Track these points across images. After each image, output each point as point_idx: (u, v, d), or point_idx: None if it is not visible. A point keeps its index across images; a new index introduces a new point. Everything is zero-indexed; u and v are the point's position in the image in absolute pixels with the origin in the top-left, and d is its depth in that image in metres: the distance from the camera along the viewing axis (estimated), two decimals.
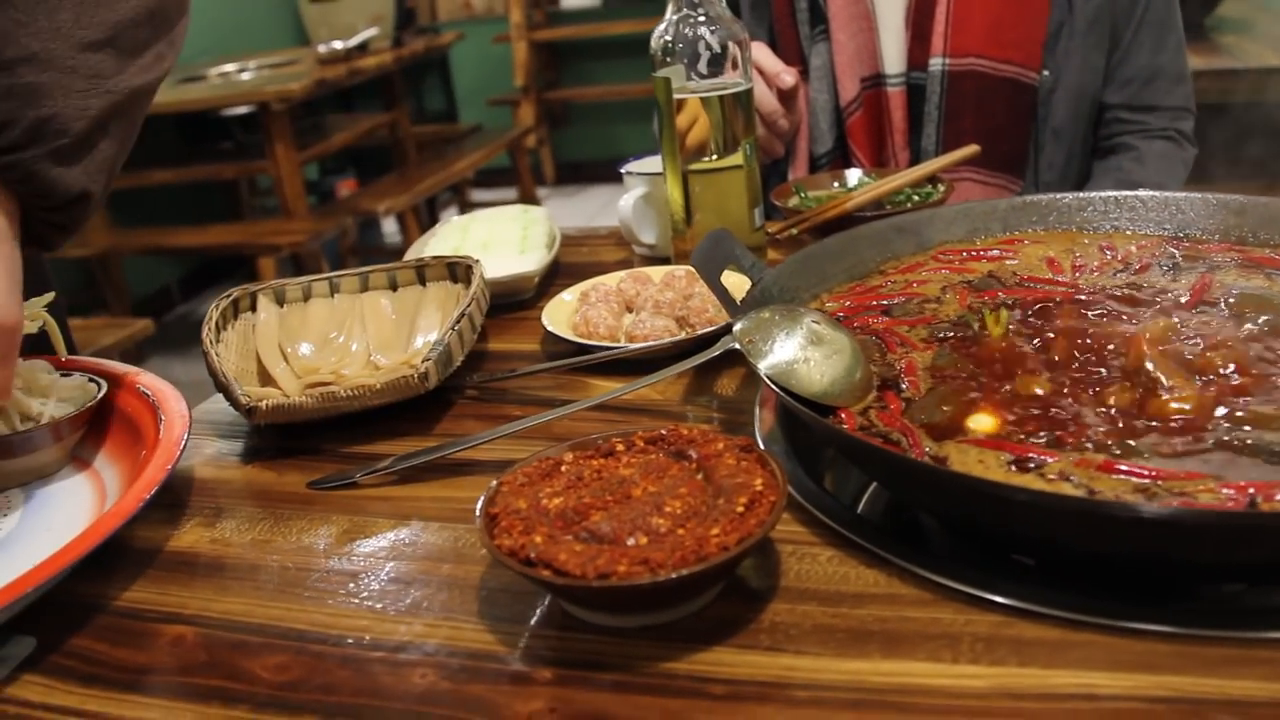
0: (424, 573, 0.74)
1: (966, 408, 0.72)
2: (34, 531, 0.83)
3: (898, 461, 0.67)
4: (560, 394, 0.98)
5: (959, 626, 0.61)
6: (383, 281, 1.15)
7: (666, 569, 0.59)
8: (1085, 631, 0.60)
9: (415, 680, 0.63)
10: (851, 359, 0.77)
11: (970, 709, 0.56)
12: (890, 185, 1.27)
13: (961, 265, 0.96)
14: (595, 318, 1.04)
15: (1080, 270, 0.93)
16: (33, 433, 0.88)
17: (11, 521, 0.84)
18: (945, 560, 0.66)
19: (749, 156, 1.16)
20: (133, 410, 0.93)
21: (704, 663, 0.61)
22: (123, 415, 0.94)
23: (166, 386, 0.94)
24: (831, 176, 1.38)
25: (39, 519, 0.85)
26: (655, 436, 0.72)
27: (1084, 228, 1.00)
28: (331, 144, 4.91)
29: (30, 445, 0.88)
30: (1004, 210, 1.02)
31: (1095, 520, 0.58)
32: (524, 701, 0.60)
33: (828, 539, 0.71)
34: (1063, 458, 0.65)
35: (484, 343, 1.13)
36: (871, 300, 0.91)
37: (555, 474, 0.70)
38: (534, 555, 0.61)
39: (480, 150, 5.39)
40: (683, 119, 1.15)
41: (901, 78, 1.48)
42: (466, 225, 1.37)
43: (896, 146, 1.48)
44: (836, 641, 0.61)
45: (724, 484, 0.66)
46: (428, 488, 0.85)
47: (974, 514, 0.67)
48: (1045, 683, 0.56)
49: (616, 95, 6.25)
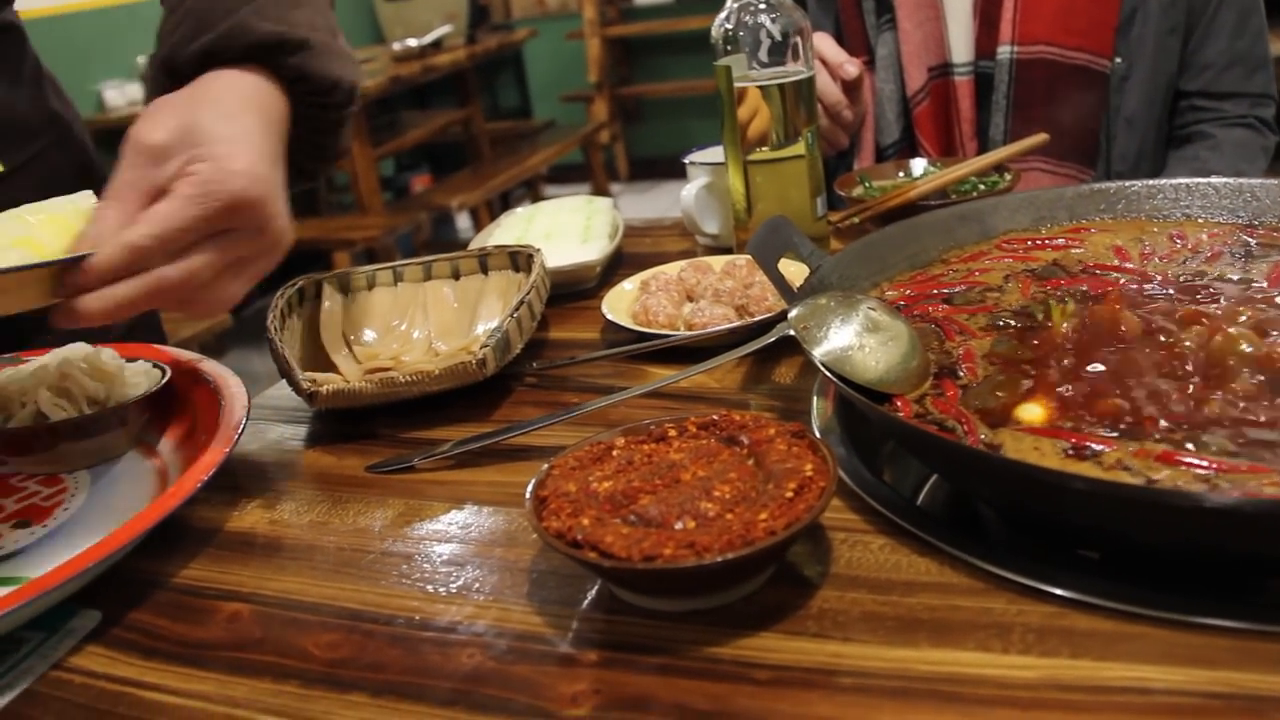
0: (476, 555, 0.74)
1: (1021, 395, 0.71)
2: (98, 511, 0.85)
3: (950, 448, 0.66)
4: (619, 382, 0.98)
5: (1010, 616, 0.60)
6: (446, 270, 1.16)
7: (713, 552, 0.59)
8: (1140, 624, 0.58)
9: (463, 660, 0.64)
10: (908, 346, 0.77)
11: (1019, 700, 0.55)
12: (955, 174, 1.25)
13: (1026, 254, 0.95)
14: (655, 306, 1.04)
15: (1148, 258, 0.91)
16: (99, 416, 0.90)
17: (78, 501, 0.87)
18: (999, 550, 0.65)
19: (810, 146, 1.15)
20: (195, 396, 0.95)
21: (749, 648, 0.61)
22: (185, 401, 0.96)
23: (228, 373, 0.95)
24: (896, 166, 1.37)
25: (104, 500, 0.87)
26: (707, 422, 0.72)
27: (1153, 216, 0.98)
28: (406, 140, 4.97)
29: (97, 429, 0.90)
30: (1070, 198, 1.00)
31: (1153, 510, 0.57)
32: (569, 683, 0.60)
33: (881, 527, 0.70)
34: (1120, 447, 0.64)
35: (544, 331, 1.13)
36: (932, 289, 0.90)
37: (606, 458, 0.70)
38: (581, 537, 0.61)
39: (553, 146, 5.42)
40: (744, 109, 1.14)
41: (969, 67, 1.46)
42: (531, 216, 1.38)
43: (964, 136, 1.47)
44: (885, 629, 0.61)
45: (774, 469, 0.65)
46: (483, 472, 0.85)
47: (1029, 503, 0.66)
48: (1097, 675, 0.55)
49: (689, 91, 6.25)
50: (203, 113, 0.81)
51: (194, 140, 0.78)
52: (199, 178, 0.77)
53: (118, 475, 0.91)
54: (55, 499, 0.87)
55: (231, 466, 0.90)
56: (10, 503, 0.88)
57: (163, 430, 0.96)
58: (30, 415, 0.91)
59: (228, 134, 0.80)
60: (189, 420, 0.94)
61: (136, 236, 0.75)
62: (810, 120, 1.15)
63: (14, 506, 0.87)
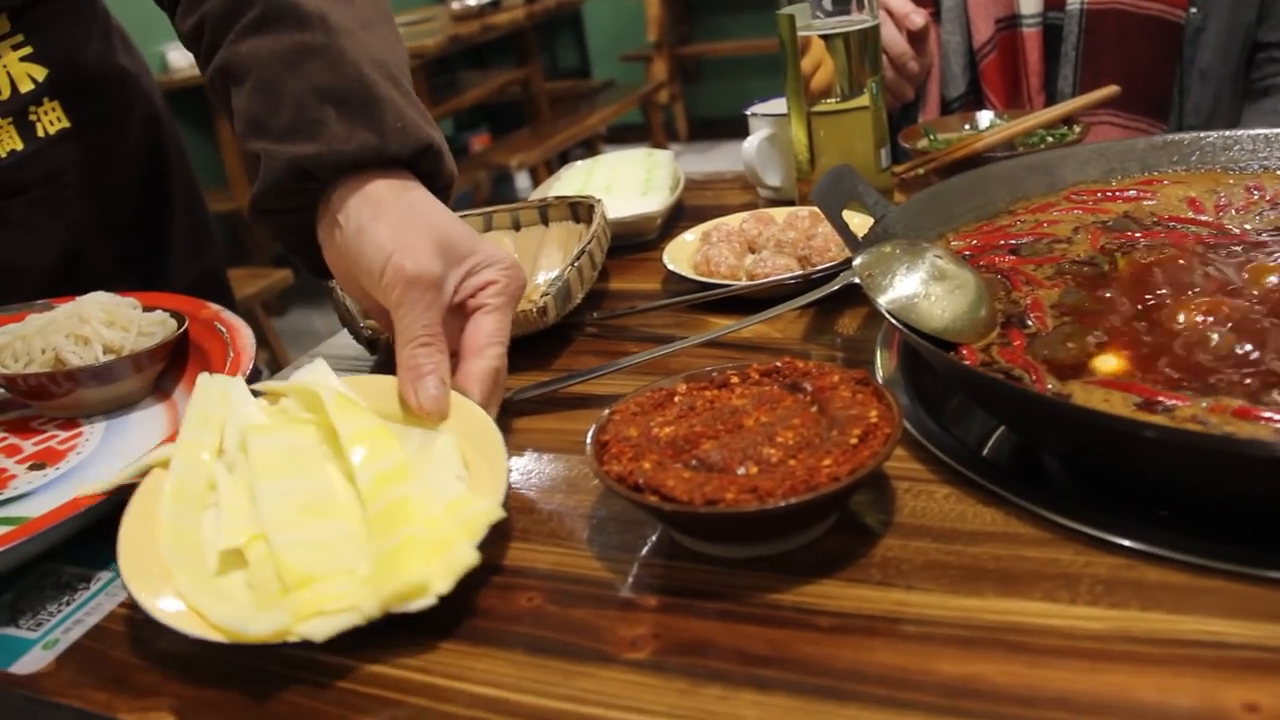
0: (536, 500, 0.74)
1: (1095, 346, 0.69)
2: (109, 456, 0.87)
3: (1021, 395, 0.65)
4: (679, 332, 0.98)
5: (1078, 568, 0.59)
6: (506, 221, 1.16)
7: (775, 497, 0.58)
8: (1214, 578, 0.57)
9: (521, 603, 0.64)
10: (975, 295, 0.75)
11: (1087, 650, 0.54)
12: (1022, 126, 1.22)
13: (1095, 206, 0.93)
14: (716, 257, 1.03)
15: (1223, 210, 0.88)
16: (114, 364, 0.92)
17: (91, 446, 0.89)
18: (1067, 502, 0.64)
19: (875, 97, 1.13)
20: (210, 346, 0.96)
21: (811, 595, 0.60)
22: (201, 350, 0.97)
23: (239, 323, 0.97)
24: (962, 119, 1.34)
25: (116, 445, 0.89)
26: (770, 369, 0.71)
27: (1229, 168, 0.95)
28: (465, 100, 4.97)
29: (111, 376, 0.92)
30: (1142, 150, 0.98)
31: (1229, 460, 0.56)
32: (628, 627, 0.60)
33: (945, 477, 0.69)
34: (1194, 403, 0.62)
35: (605, 281, 1.13)
36: (999, 240, 0.88)
37: (668, 404, 0.70)
38: (642, 481, 0.61)
39: (612, 106, 5.40)
40: (807, 59, 1.12)
41: (1038, 18, 1.42)
42: (590, 169, 1.37)
43: (1031, 90, 1.43)
44: (949, 578, 0.60)
45: (838, 416, 0.65)
46: (543, 420, 0.85)
47: (1100, 454, 0.65)
48: (1169, 628, 0.54)
49: (749, 50, 6.19)
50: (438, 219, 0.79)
51: (461, 252, 0.78)
52: (506, 285, 0.79)
53: (132, 422, 0.93)
54: (70, 443, 0.90)
55: None
56: (29, 445, 0.90)
57: (179, 378, 0.97)
58: (49, 361, 0.93)
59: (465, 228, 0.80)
60: (204, 368, 0.94)
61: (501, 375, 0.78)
62: (875, 71, 1.13)
63: (31, 449, 0.90)
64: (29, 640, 0.68)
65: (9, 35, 1.07)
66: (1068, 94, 1.41)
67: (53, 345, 0.92)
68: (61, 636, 0.68)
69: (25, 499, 0.82)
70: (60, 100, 1.11)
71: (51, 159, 1.11)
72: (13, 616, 0.71)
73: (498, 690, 0.57)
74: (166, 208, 1.26)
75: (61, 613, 0.70)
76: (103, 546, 0.76)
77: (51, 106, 1.10)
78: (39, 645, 0.68)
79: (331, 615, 0.60)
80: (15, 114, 1.08)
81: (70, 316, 0.94)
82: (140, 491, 0.69)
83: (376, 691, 0.59)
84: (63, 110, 1.11)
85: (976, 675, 0.53)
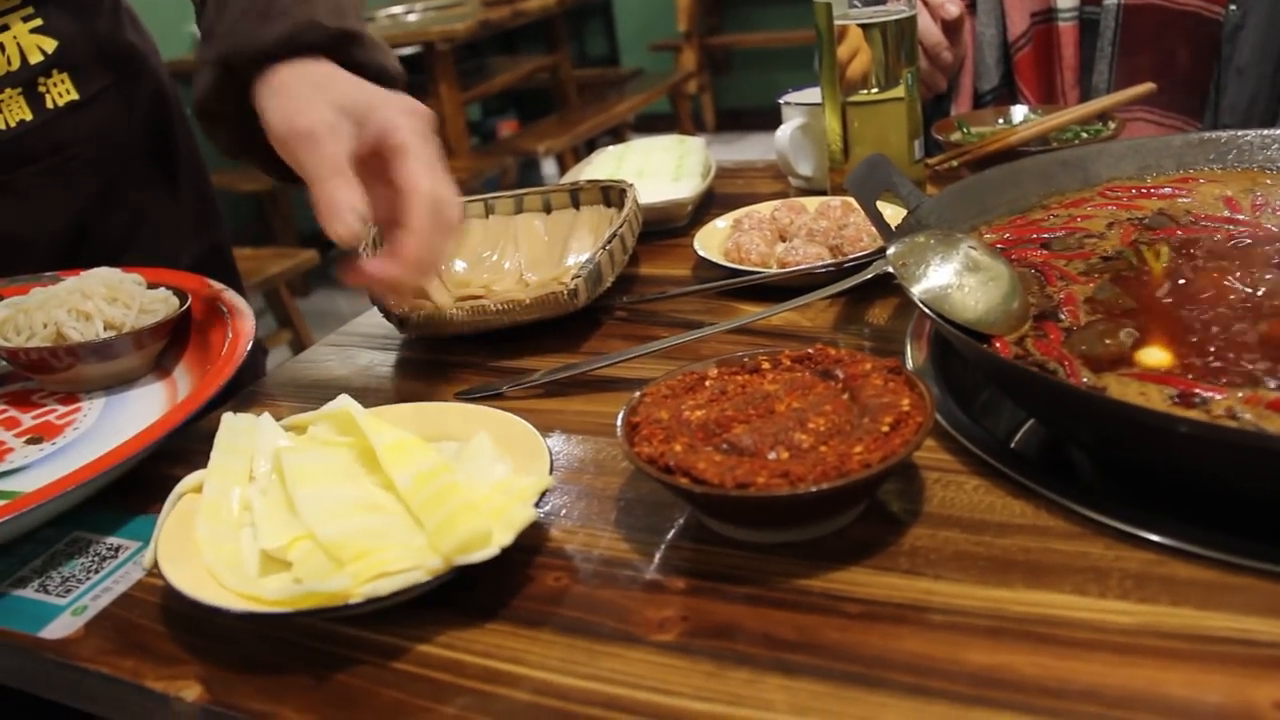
0: (564, 481, 0.74)
1: (1134, 342, 0.69)
2: (107, 431, 0.88)
3: (1052, 387, 0.65)
4: (709, 318, 0.97)
5: (1108, 562, 0.59)
6: (537, 204, 1.16)
7: (806, 483, 0.58)
8: (1244, 575, 0.57)
9: (549, 583, 0.64)
10: (1009, 287, 0.75)
11: (1115, 644, 0.53)
12: (1057, 121, 1.22)
13: (1130, 202, 0.92)
14: (747, 244, 1.03)
15: (1260, 209, 0.87)
16: (115, 340, 0.92)
17: (89, 421, 0.90)
18: (1097, 496, 0.63)
19: (910, 88, 1.13)
20: (213, 324, 0.97)
21: (840, 581, 0.60)
22: (203, 328, 0.98)
23: (240, 303, 0.97)
24: (996, 112, 1.34)
25: (114, 421, 0.90)
26: (802, 355, 0.71)
27: (1267, 167, 0.95)
28: (494, 85, 4.97)
29: (112, 352, 0.93)
30: (1179, 147, 0.97)
31: (1259, 456, 0.55)
32: (656, 609, 0.60)
33: (975, 468, 0.69)
34: (1230, 394, 0.62)
35: (635, 267, 1.13)
36: (1032, 233, 0.88)
37: (699, 388, 0.70)
38: (673, 463, 0.61)
39: (641, 95, 5.39)
40: (843, 48, 1.12)
41: (1074, 12, 1.41)
42: (622, 154, 1.37)
43: (1066, 84, 1.42)
44: (978, 569, 0.60)
45: (870, 403, 0.64)
46: (571, 402, 0.85)
47: (1133, 448, 0.64)
48: (1199, 624, 0.54)
49: (779, 42, 6.16)
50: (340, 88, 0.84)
51: (359, 108, 0.82)
52: (407, 123, 0.80)
53: (132, 398, 0.94)
54: (69, 418, 0.90)
55: (322, 391, 0.91)
56: (28, 418, 0.91)
57: (179, 356, 0.98)
58: (51, 336, 0.92)
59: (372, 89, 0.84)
60: (204, 348, 0.96)
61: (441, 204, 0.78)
62: (911, 61, 1.12)
63: (30, 422, 0.90)
64: (58, 606, 0.69)
65: (19, 7, 1.08)
66: (1103, 90, 1.39)
67: (54, 320, 0.92)
68: (90, 603, 0.69)
69: (20, 473, 0.82)
70: (69, 73, 1.12)
71: (60, 130, 1.12)
72: (42, 583, 0.71)
73: (522, 667, 0.58)
74: (173, 184, 1.27)
75: (90, 580, 0.71)
76: (132, 515, 0.77)
77: (61, 79, 1.11)
78: (68, 611, 0.68)
79: (395, 575, 0.59)
80: (25, 84, 1.09)
81: (73, 291, 0.94)
82: (175, 514, 0.69)
83: (404, 666, 0.59)
84: (71, 83, 1.12)
85: (1004, 665, 0.53)
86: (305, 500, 0.66)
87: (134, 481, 0.79)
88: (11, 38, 1.07)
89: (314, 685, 0.59)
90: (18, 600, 0.70)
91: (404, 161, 0.79)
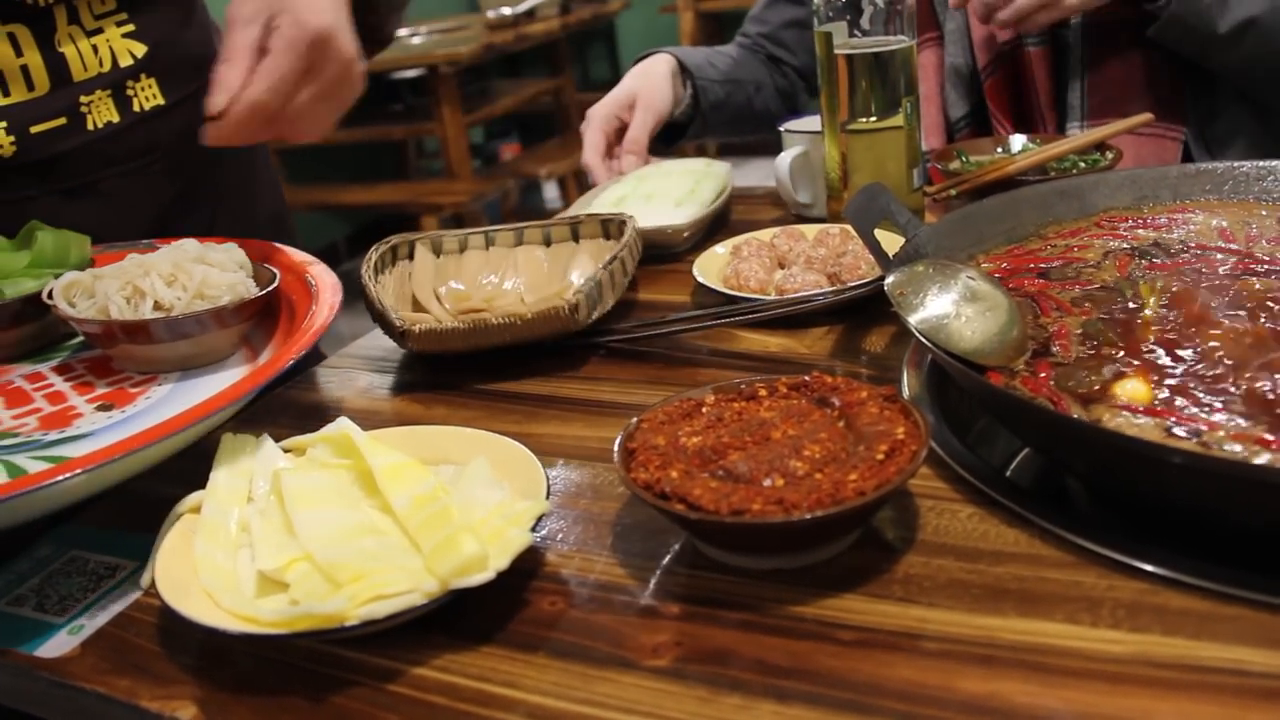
0: (560, 506, 0.74)
1: (1116, 375, 0.69)
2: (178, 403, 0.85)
3: (1049, 417, 0.65)
4: (706, 343, 0.98)
5: (1101, 591, 0.59)
6: (537, 237, 1.16)
7: (801, 510, 0.58)
8: (1236, 605, 0.57)
9: (545, 607, 0.64)
10: (1007, 317, 0.75)
11: (1107, 674, 0.54)
12: (1055, 151, 1.22)
13: (1126, 232, 0.93)
14: (746, 271, 1.03)
15: (1255, 241, 0.88)
16: (198, 315, 0.88)
17: (162, 391, 0.88)
18: (1091, 525, 0.64)
19: (909, 116, 1.14)
20: (299, 301, 0.94)
21: (833, 608, 0.61)
22: (289, 305, 0.95)
23: (329, 277, 0.95)
24: (994, 141, 1.34)
25: (187, 393, 0.87)
26: (798, 383, 0.72)
27: (1262, 198, 0.95)
28: (497, 108, 4.99)
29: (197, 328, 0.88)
30: (1175, 177, 0.98)
31: (1254, 487, 0.56)
32: (650, 634, 0.61)
33: (969, 496, 0.69)
34: (1223, 428, 0.62)
35: (634, 292, 1.13)
36: (1029, 263, 0.88)
37: (696, 414, 0.70)
38: (669, 489, 0.62)
39: None
40: (843, 78, 1.12)
41: (1044, 36, 1.41)
42: (644, 174, 1.36)
43: (1042, 105, 1.41)
44: (971, 597, 0.60)
45: (865, 431, 0.65)
46: (569, 427, 0.85)
47: (1127, 478, 0.65)
48: (1191, 654, 0.54)
49: None
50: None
51: (279, 6, 0.91)
52: (285, 30, 0.90)
53: (209, 372, 0.91)
54: (142, 387, 0.88)
55: (321, 413, 0.91)
56: (102, 384, 0.89)
57: (270, 334, 0.95)
58: (133, 309, 0.88)
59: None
60: (288, 324, 0.93)
61: (257, 94, 0.90)
62: (910, 91, 1.13)
63: (104, 389, 0.89)
64: (55, 625, 0.69)
65: (114, 13, 1.11)
66: (1077, 107, 1.39)
67: (139, 292, 0.88)
68: (87, 623, 0.69)
69: (84, 439, 0.80)
70: (156, 78, 1.15)
71: (145, 134, 1.14)
72: (39, 601, 0.72)
73: (517, 691, 0.58)
74: (251, 194, 1.30)
75: (87, 599, 0.71)
76: (130, 535, 0.77)
77: (149, 83, 1.14)
78: (64, 630, 0.68)
79: (391, 598, 0.60)
80: (114, 87, 1.11)
81: (161, 264, 0.90)
82: (173, 534, 0.69)
83: (399, 689, 0.60)
84: (158, 88, 1.15)
85: (996, 694, 0.53)
86: (303, 522, 0.66)
87: (132, 501, 0.79)
88: (105, 41, 1.10)
89: (309, 707, 0.59)
90: (14, 618, 0.70)
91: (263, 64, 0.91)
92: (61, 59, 1.07)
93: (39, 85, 1.06)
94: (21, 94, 1.06)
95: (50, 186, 1.09)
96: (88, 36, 1.09)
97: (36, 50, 1.06)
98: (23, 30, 1.05)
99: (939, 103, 1.49)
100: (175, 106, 1.16)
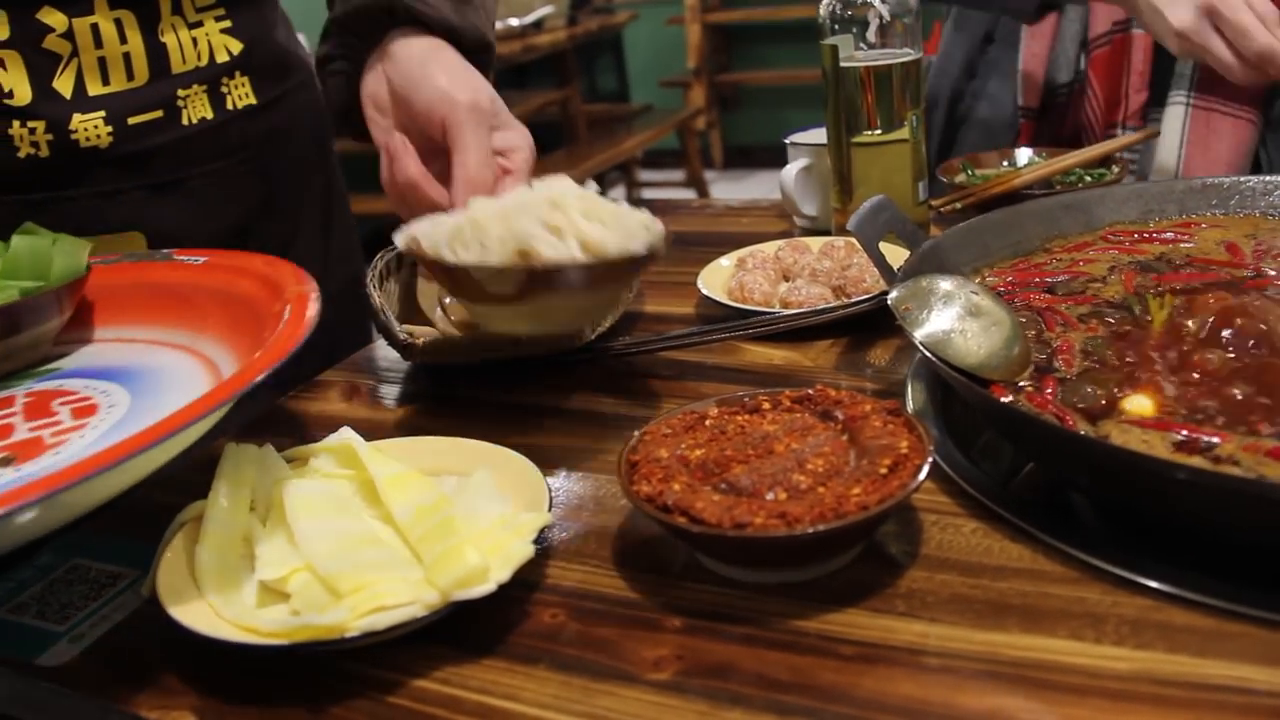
0: (563, 518, 0.74)
1: (1123, 390, 0.69)
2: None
3: (1053, 432, 0.65)
4: (709, 356, 0.98)
5: (1105, 607, 0.59)
6: None
7: (804, 524, 0.58)
8: (1242, 623, 0.57)
9: (546, 620, 0.64)
10: (1010, 332, 0.75)
11: (1110, 690, 0.53)
12: (1061, 164, 1.23)
13: (1132, 246, 0.92)
14: (751, 283, 1.03)
15: (1262, 255, 0.88)
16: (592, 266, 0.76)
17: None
18: (1095, 540, 0.64)
19: (914, 130, 1.13)
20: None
21: (835, 623, 0.60)
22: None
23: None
24: (1000, 155, 1.35)
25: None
26: (802, 396, 0.72)
27: (1269, 213, 0.95)
28: None
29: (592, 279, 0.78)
30: (1181, 192, 0.98)
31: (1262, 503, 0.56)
32: (651, 647, 0.60)
33: (973, 511, 0.69)
34: (1233, 441, 0.62)
35: (640, 303, 1.13)
36: (1034, 277, 0.88)
37: (699, 427, 0.70)
38: (671, 502, 0.61)
39: (650, 130, 5.41)
40: (849, 91, 1.12)
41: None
42: None
43: (1131, 88, 1.41)
44: (974, 612, 0.60)
45: (869, 445, 0.65)
46: (573, 439, 0.85)
47: (1133, 494, 0.64)
48: (1195, 672, 0.54)
49: (788, 80, 6.20)
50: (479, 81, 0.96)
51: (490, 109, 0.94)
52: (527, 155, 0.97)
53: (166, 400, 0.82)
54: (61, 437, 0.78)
55: (324, 424, 0.91)
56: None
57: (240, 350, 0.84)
58: (509, 253, 0.77)
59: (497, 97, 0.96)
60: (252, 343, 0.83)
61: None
62: (916, 104, 1.13)
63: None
64: (56, 633, 0.69)
65: (214, 7, 1.11)
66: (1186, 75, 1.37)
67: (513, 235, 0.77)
68: (88, 631, 0.69)
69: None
70: (250, 76, 1.15)
71: (235, 133, 1.14)
72: (40, 609, 0.71)
73: (517, 704, 0.58)
74: (328, 205, 1.30)
75: (88, 607, 0.71)
76: (131, 544, 0.77)
77: (242, 81, 1.14)
78: (65, 639, 0.68)
79: (392, 609, 0.60)
80: (209, 82, 1.11)
81: (538, 203, 0.79)
82: (174, 543, 0.69)
83: (399, 701, 0.59)
84: (251, 87, 1.15)
85: (998, 710, 0.53)
86: (305, 532, 0.66)
87: (134, 509, 0.79)
88: (204, 34, 1.10)
89: (310, 718, 0.59)
90: (15, 626, 0.70)
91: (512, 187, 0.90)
92: (163, 49, 1.06)
93: (139, 75, 1.05)
94: (121, 83, 1.04)
95: (139, 181, 1.08)
96: (189, 28, 1.08)
97: (140, 37, 1.05)
98: (128, 15, 1.04)
99: (1045, 63, 1.48)
100: (266, 107, 1.16)
